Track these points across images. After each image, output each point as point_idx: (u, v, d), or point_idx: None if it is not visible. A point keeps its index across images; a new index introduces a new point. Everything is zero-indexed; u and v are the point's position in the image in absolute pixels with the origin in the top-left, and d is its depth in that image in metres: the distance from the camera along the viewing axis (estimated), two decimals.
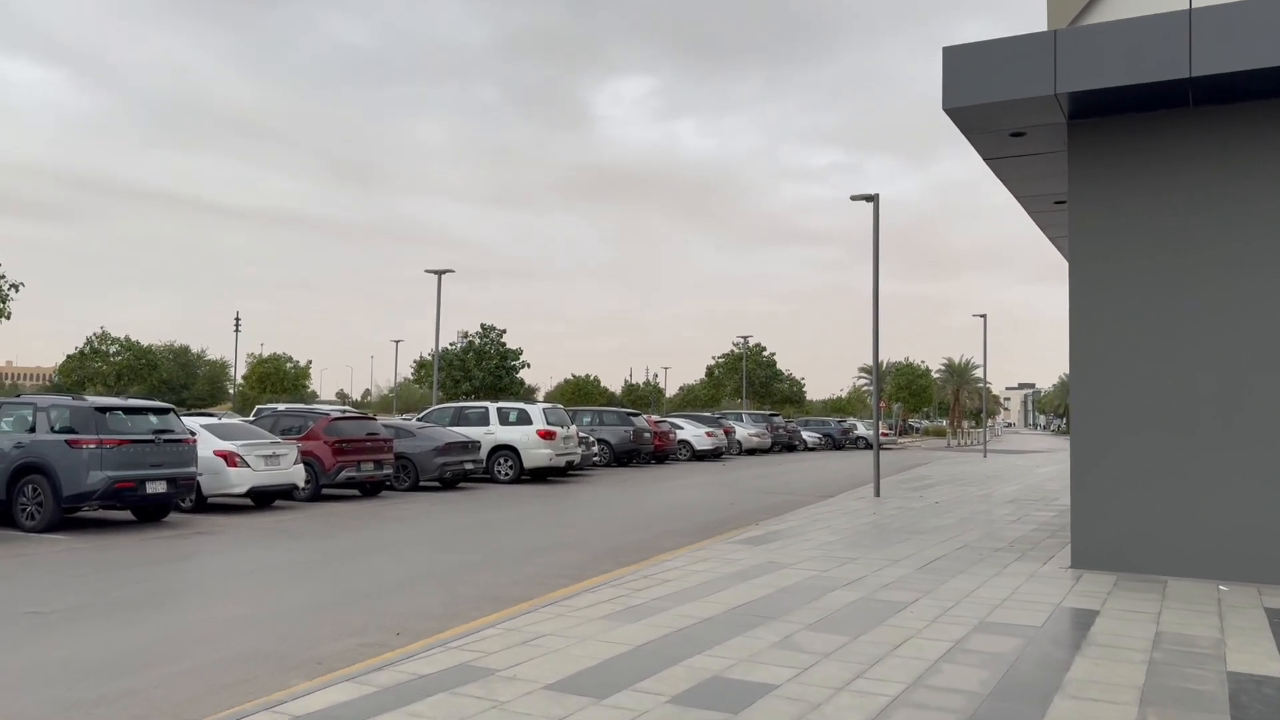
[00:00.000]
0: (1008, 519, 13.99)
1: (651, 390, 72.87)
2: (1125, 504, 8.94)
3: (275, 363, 56.82)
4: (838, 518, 13.80)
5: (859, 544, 10.96)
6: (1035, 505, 16.33)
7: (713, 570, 9.05)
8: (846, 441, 48.66)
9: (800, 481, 23.30)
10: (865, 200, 18.24)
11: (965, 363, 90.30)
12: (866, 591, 7.97)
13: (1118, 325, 9.12)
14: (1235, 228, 8.73)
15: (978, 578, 8.70)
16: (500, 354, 39.63)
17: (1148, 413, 8.92)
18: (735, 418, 40.17)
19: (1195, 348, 8.77)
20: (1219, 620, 6.89)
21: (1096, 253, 9.30)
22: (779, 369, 67.12)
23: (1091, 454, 9.16)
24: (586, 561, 10.34)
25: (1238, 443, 8.52)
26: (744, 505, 16.94)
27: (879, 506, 15.68)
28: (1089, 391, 9.22)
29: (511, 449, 21.45)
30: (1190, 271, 8.85)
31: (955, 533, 12.16)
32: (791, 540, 11.25)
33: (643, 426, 28.19)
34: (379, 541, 11.92)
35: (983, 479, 23.37)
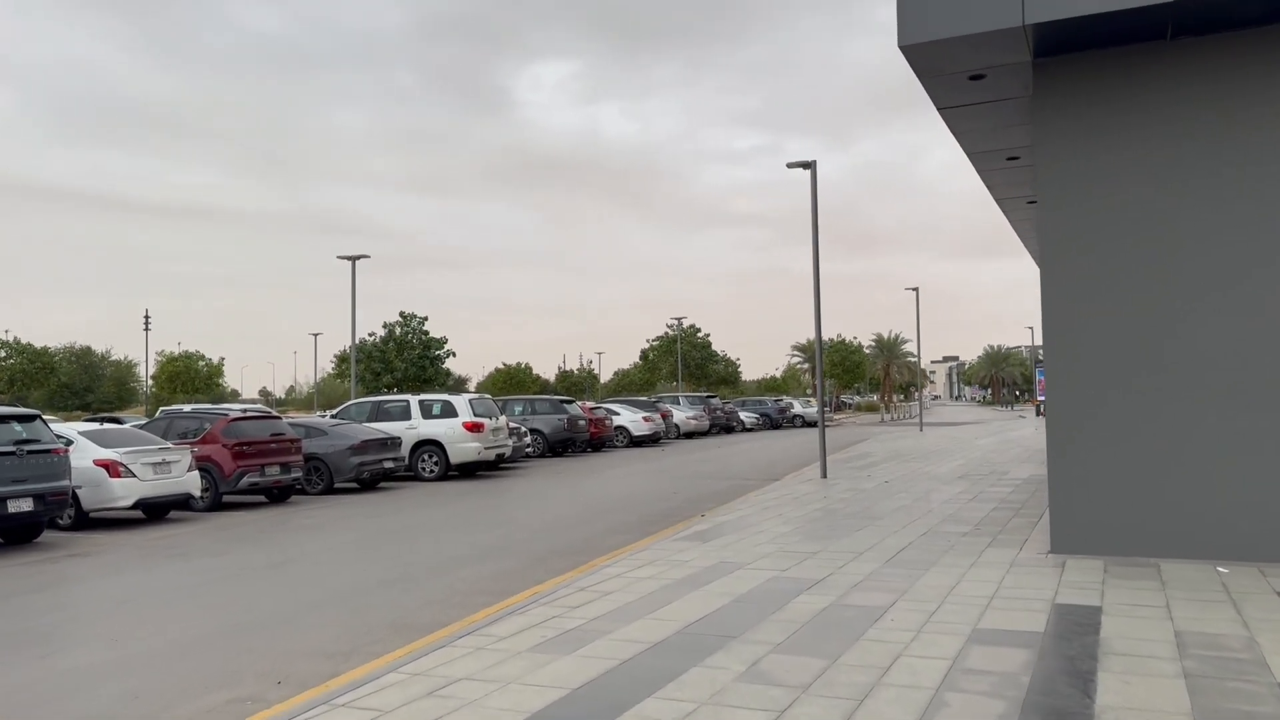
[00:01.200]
0: (965, 498, 13.23)
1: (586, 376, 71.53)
2: (1109, 483, 8.12)
3: (186, 361, 53.85)
4: (788, 504, 12.86)
5: (816, 535, 9.99)
6: (988, 481, 15.67)
7: (659, 575, 7.95)
8: (784, 420, 48.19)
9: (743, 464, 22.41)
10: (802, 168, 17.31)
11: (894, 337, 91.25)
12: (835, 595, 6.96)
13: (1095, 281, 8.27)
14: (1218, 167, 7.92)
15: (953, 570, 7.78)
16: (423, 343, 37.75)
17: (1132, 380, 8.10)
18: (672, 401, 39.23)
19: (1184, 305, 7.96)
20: (1236, 612, 6.05)
21: (1068, 204, 8.42)
22: (714, 350, 66.48)
23: (1069, 428, 8.31)
24: (516, 571, 9.14)
25: (1233, 411, 7.75)
26: (687, 493, 15.92)
27: (828, 489, 14.81)
28: (1064, 357, 8.37)
29: (436, 444, 20.05)
30: (1175, 219, 8.03)
31: (914, 516, 11.30)
32: (742, 533, 10.23)
33: (577, 414, 27.00)
34: (279, 556, 10.52)
35: (926, 454, 22.82)
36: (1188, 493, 7.84)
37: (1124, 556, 8.01)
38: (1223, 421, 7.76)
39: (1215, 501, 7.74)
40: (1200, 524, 7.78)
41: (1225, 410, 7.75)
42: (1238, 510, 7.67)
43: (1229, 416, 7.74)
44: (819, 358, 17.47)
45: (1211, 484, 7.76)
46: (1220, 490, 7.73)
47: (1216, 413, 7.78)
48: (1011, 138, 11.12)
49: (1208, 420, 7.81)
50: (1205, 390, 7.83)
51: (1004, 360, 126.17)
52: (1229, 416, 7.74)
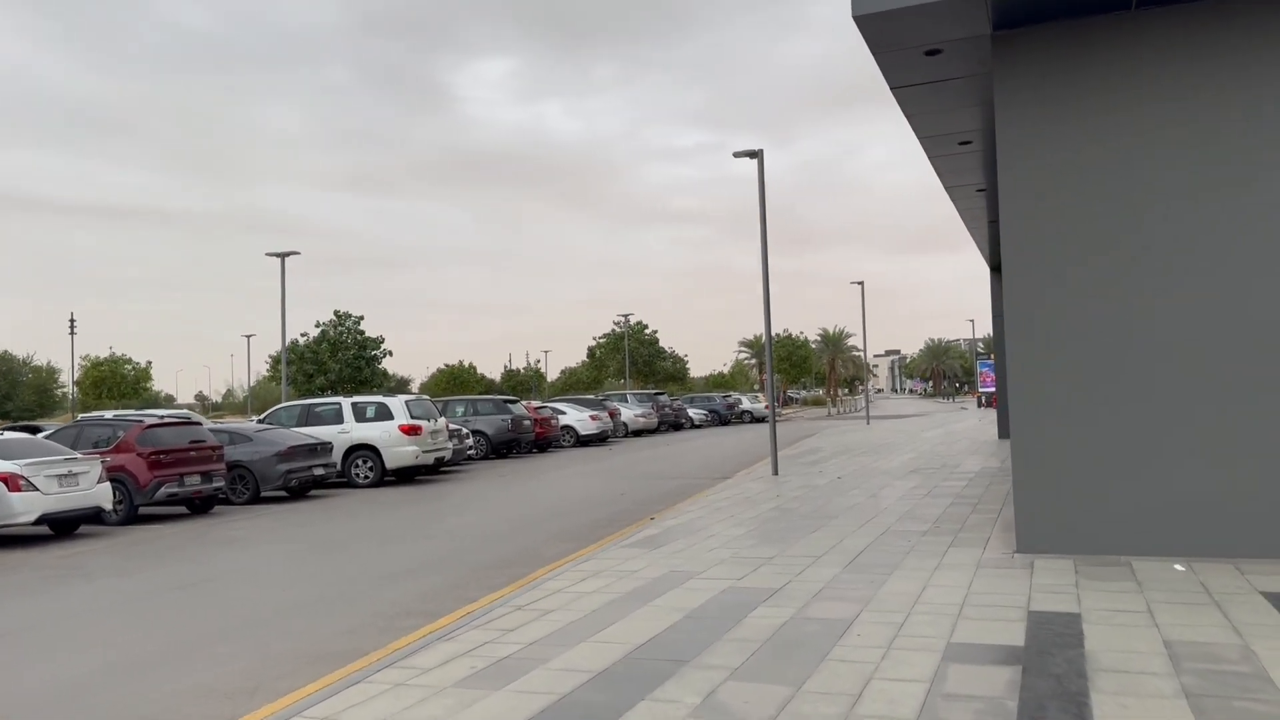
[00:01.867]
0: (919, 493, 12.84)
1: (533, 375, 70.53)
2: (1075, 479, 7.71)
3: (112, 366, 51.54)
4: (740, 505, 12.33)
5: (771, 537, 9.45)
6: (940, 475, 15.35)
7: (605, 589, 7.32)
8: (732, 416, 47.92)
9: (693, 462, 21.90)
10: (749, 156, 16.82)
11: (839, 332, 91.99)
12: (795, 607, 6.40)
13: (1058, 268, 7.86)
14: (1187, 145, 7.54)
15: (918, 574, 7.29)
16: (358, 343, 36.44)
17: (1098, 373, 7.70)
18: (620, 399, 38.63)
19: (1152, 294, 7.58)
20: (1223, 616, 5.63)
21: (1028, 186, 8.00)
22: (662, 347, 66.03)
23: (1033, 424, 7.88)
24: (448, 588, 8.43)
25: (1204, 403, 7.38)
26: (636, 495, 15.32)
27: (780, 487, 14.33)
28: (1027, 350, 7.94)
29: (370, 448, 19.13)
30: (1143, 201, 7.64)
31: (870, 514, 10.85)
32: (693, 538, 9.65)
33: (521, 414, 26.23)
34: (191, 576, 9.64)
35: (875, 448, 22.56)
36: (1158, 488, 7.46)
37: (1093, 555, 7.61)
38: (1194, 414, 7.39)
39: (1187, 497, 7.38)
40: (1172, 520, 7.41)
41: (1196, 402, 7.39)
42: (1211, 505, 7.31)
43: (1200, 408, 7.38)
44: (768, 352, 17.00)
45: (1183, 479, 7.40)
46: (1192, 485, 7.37)
47: (1187, 405, 7.41)
48: (964, 120, 10.73)
49: (1178, 413, 7.44)
50: (1175, 382, 7.46)
51: (944, 353, 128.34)
52: (1200, 408, 7.38)
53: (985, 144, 11.82)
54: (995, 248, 21.39)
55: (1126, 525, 7.54)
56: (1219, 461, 7.30)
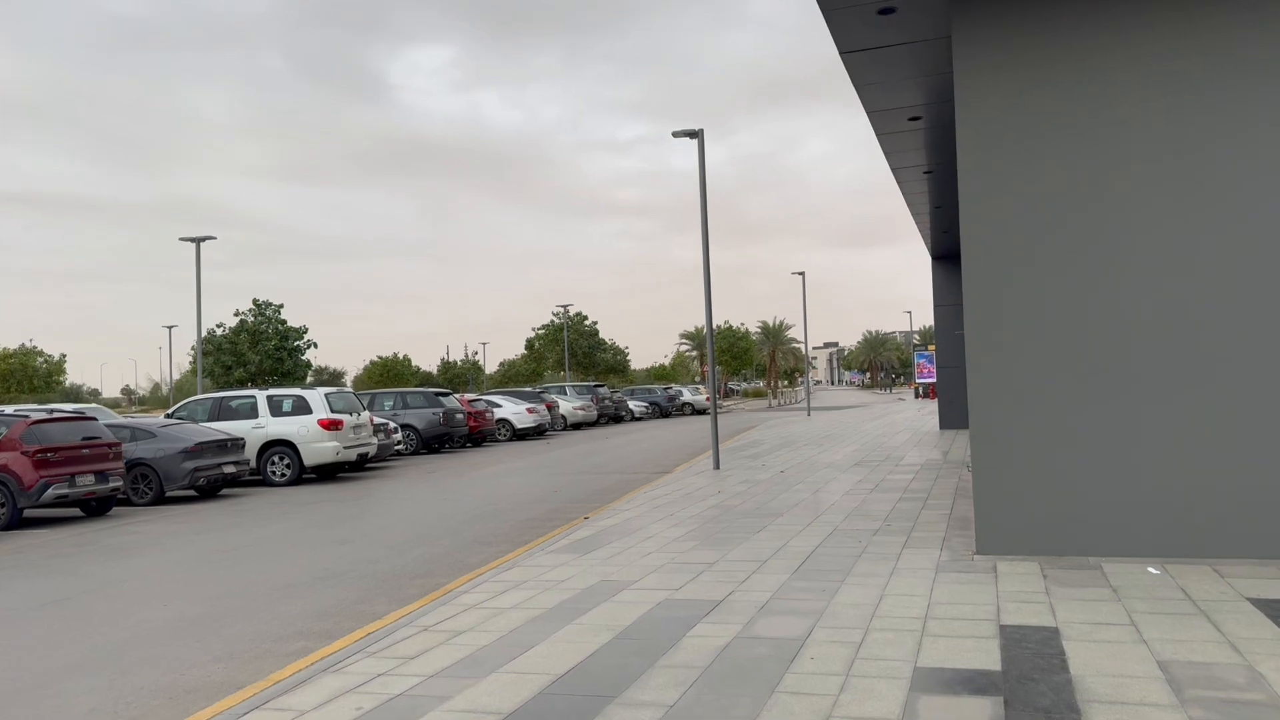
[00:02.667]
0: (866, 488, 12.27)
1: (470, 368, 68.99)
2: (1040, 476, 7.12)
3: (22, 359, 48.76)
4: (680, 502, 11.59)
5: (712, 539, 8.72)
6: (885, 467, 14.84)
7: (527, 604, 6.49)
8: (674, 409, 47.35)
9: (632, 456, 21.14)
10: (689, 136, 16.07)
11: (779, 324, 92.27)
12: (740, 623, 5.66)
13: (1022, 246, 7.24)
14: (1162, 113, 6.98)
15: (873, 581, 6.61)
16: (279, 333, 34.71)
17: (1065, 363, 7.11)
18: (559, 391, 37.72)
19: (1122, 278, 7.00)
20: (1216, 630, 5.04)
21: (991, 160, 7.37)
22: (602, 338, 65.13)
23: (995, 417, 7.27)
24: (352, 602, 7.51)
25: (1178, 395, 6.84)
26: (571, 492, 14.49)
27: (722, 482, 13.64)
28: (989, 339, 7.32)
29: (288, 444, 17.96)
30: (1114, 177, 7.05)
31: (816, 511, 10.20)
32: (629, 540, 8.87)
33: (454, 407, 25.16)
34: (62, 590, 8.53)
35: (818, 440, 22.09)
36: (1128, 485, 6.90)
37: (1059, 557, 7.03)
38: (1167, 406, 6.85)
39: (1159, 494, 6.83)
40: (1142, 519, 6.86)
41: (1169, 392, 6.84)
42: (1184, 503, 6.77)
43: (1174, 400, 6.83)
44: (710, 341, 16.30)
45: (1154, 475, 6.85)
46: (1164, 481, 6.82)
47: (1159, 395, 6.86)
48: (915, 93, 10.11)
49: (1150, 404, 6.89)
50: (1145, 371, 6.91)
51: (882, 345, 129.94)
52: (1174, 400, 6.83)
53: (935, 121, 11.25)
54: (939, 235, 21.04)
55: (1095, 524, 6.98)
56: (1192, 456, 6.76)
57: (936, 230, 20.18)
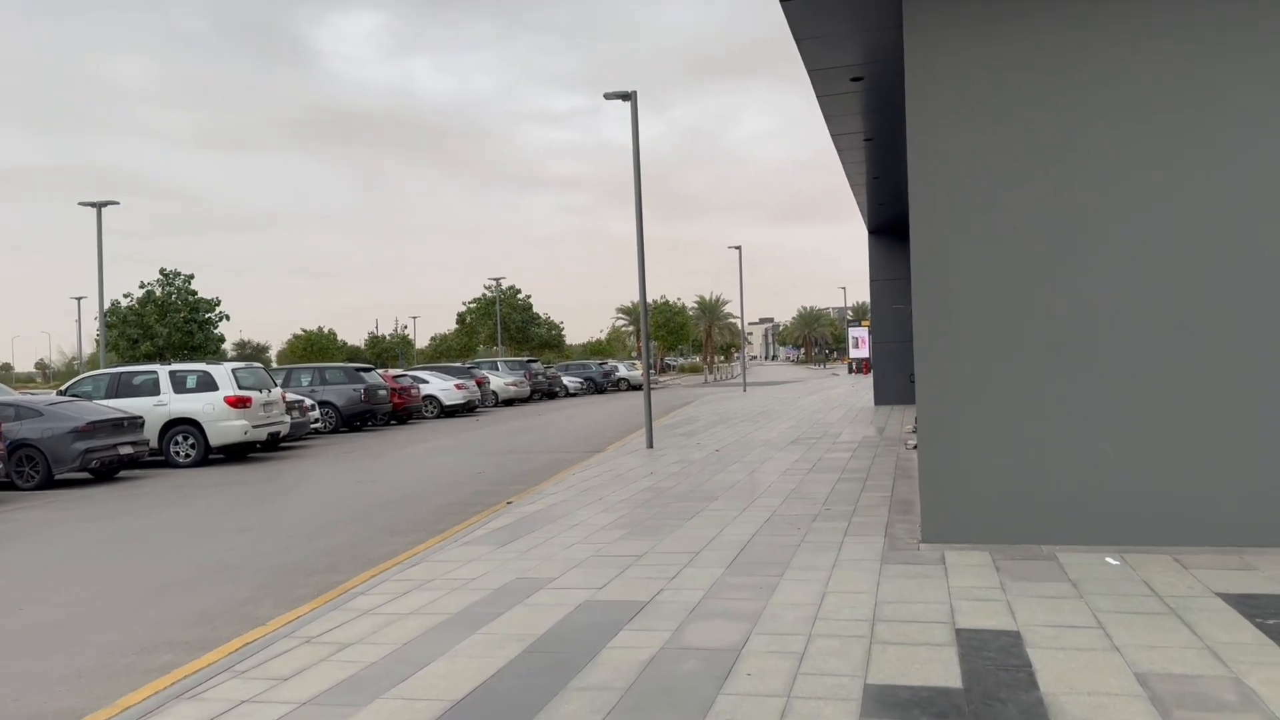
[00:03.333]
0: (803, 467, 11.78)
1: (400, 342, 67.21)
2: (990, 459, 6.63)
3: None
4: (610, 484, 10.94)
5: (642, 527, 8.09)
6: (822, 445, 14.41)
7: (429, 608, 5.77)
8: (609, 384, 46.71)
9: (564, 434, 20.42)
10: (621, 99, 15.28)
11: (716, 299, 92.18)
12: (668, 630, 5.02)
13: (976, 212, 6.70)
14: (1132, 69, 6.47)
15: (814, 576, 6.04)
16: (189, 305, 32.77)
17: (1019, 339, 6.61)
18: (490, 366, 36.71)
19: (1082, 250, 6.50)
20: (1192, 633, 4.57)
21: (943, 112, 6.78)
22: (536, 312, 63.98)
23: (943, 397, 6.75)
24: (236, 602, 6.68)
25: (1138, 373, 6.39)
26: (496, 473, 13.73)
27: (655, 462, 13.04)
28: (938, 312, 6.77)
29: (192, 423, 16.78)
30: (1076, 137, 6.53)
31: (753, 493, 9.65)
32: (552, 529, 8.18)
33: (376, 383, 24.07)
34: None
35: (753, 417, 21.67)
36: (1084, 469, 6.45)
37: (1011, 545, 6.56)
38: (1124, 387, 6.39)
39: (1115, 478, 6.40)
40: (1097, 504, 6.42)
41: (1127, 374, 6.39)
42: (1141, 487, 6.35)
43: (1133, 382, 6.38)
44: (644, 316, 15.62)
45: (1115, 455, 6.40)
46: (1121, 466, 6.39)
47: (1118, 377, 6.41)
48: (858, 50, 9.50)
49: (1107, 386, 6.43)
50: (1105, 352, 6.44)
51: (816, 321, 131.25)
52: (1133, 382, 6.38)
53: (877, 83, 10.67)
54: (875, 209, 20.66)
55: (1048, 511, 6.52)
56: (1151, 440, 6.33)
57: (874, 203, 19.78)
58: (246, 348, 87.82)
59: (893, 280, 23.53)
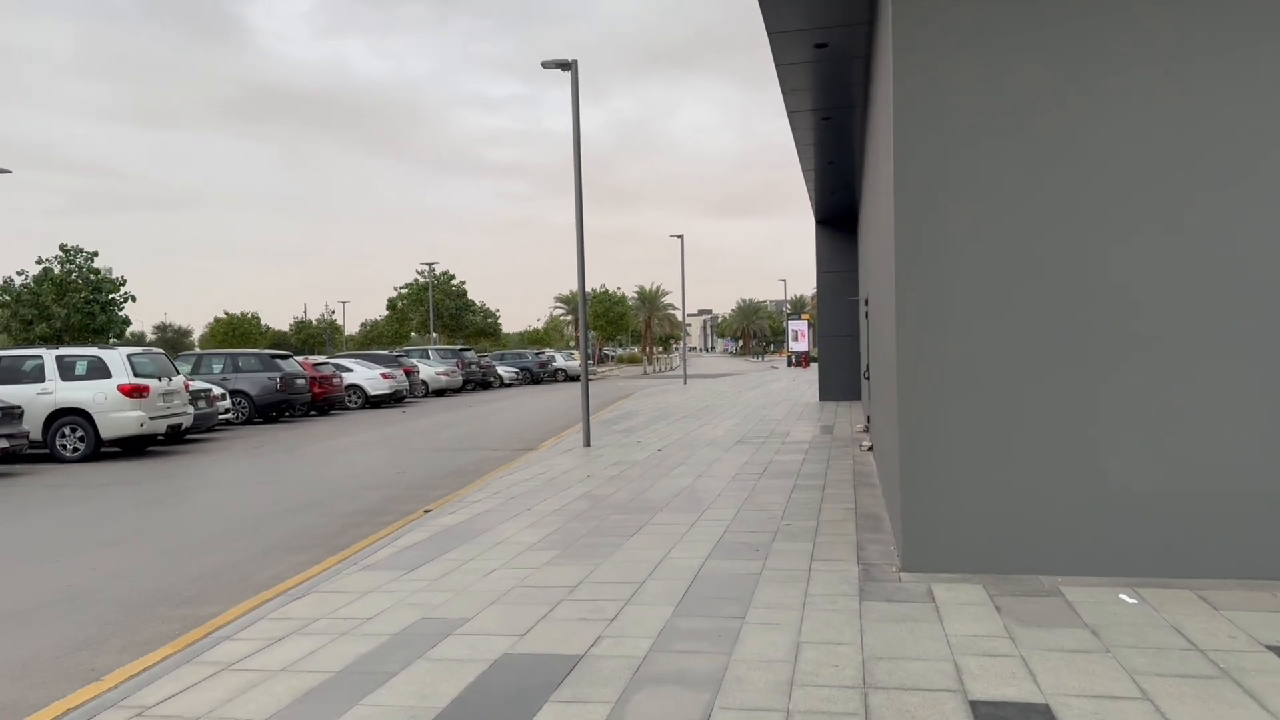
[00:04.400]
0: (754, 471, 10.82)
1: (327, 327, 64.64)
2: (983, 474, 5.70)
3: None
4: (542, 490, 9.82)
5: (576, 546, 7.00)
6: (771, 445, 13.50)
7: (304, 664, 4.59)
8: (545, 375, 45.46)
9: (495, 429, 19.19)
10: (561, 68, 14.10)
11: (656, 289, 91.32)
12: (607, 703, 3.94)
13: (971, 191, 5.74)
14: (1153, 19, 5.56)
15: (783, 618, 5.03)
16: (91, 285, 30.30)
17: (1022, 323, 5.68)
18: (421, 354, 35.13)
19: (1096, 220, 5.59)
20: (1265, 711, 3.66)
21: (937, 76, 5.81)
22: (471, 299, 62.14)
23: (931, 395, 5.79)
24: (71, 648, 5.39)
25: (1157, 373, 5.51)
26: (417, 473, 12.49)
27: (592, 463, 11.95)
28: (923, 307, 5.81)
29: (81, 413, 15.14)
30: (1085, 105, 5.61)
31: (702, 503, 8.64)
32: (472, 548, 7.04)
33: (294, 371, 22.48)
34: None
35: (696, 412, 20.72)
36: (1091, 486, 5.56)
37: (1005, 575, 5.65)
38: (1138, 393, 5.52)
39: (1129, 498, 5.52)
40: (1105, 527, 5.54)
41: (1142, 369, 5.51)
42: (1158, 508, 5.48)
43: (1147, 387, 5.51)
44: (582, 304, 14.49)
45: (1124, 475, 5.53)
46: (1135, 483, 5.51)
47: (1130, 373, 5.53)
48: (826, 9, 8.52)
49: (1117, 384, 5.54)
50: (1119, 350, 5.55)
51: (755, 314, 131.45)
52: (1147, 387, 5.51)
53: (843, 51, 9.72)
54: (826, 197, 19.83)
55: (1049, 535, 5.62)
56: (1171, 453, 5.47)
57: (824, 192, 18.94)
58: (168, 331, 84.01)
59: (841, 272, 22.79)
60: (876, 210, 9.35)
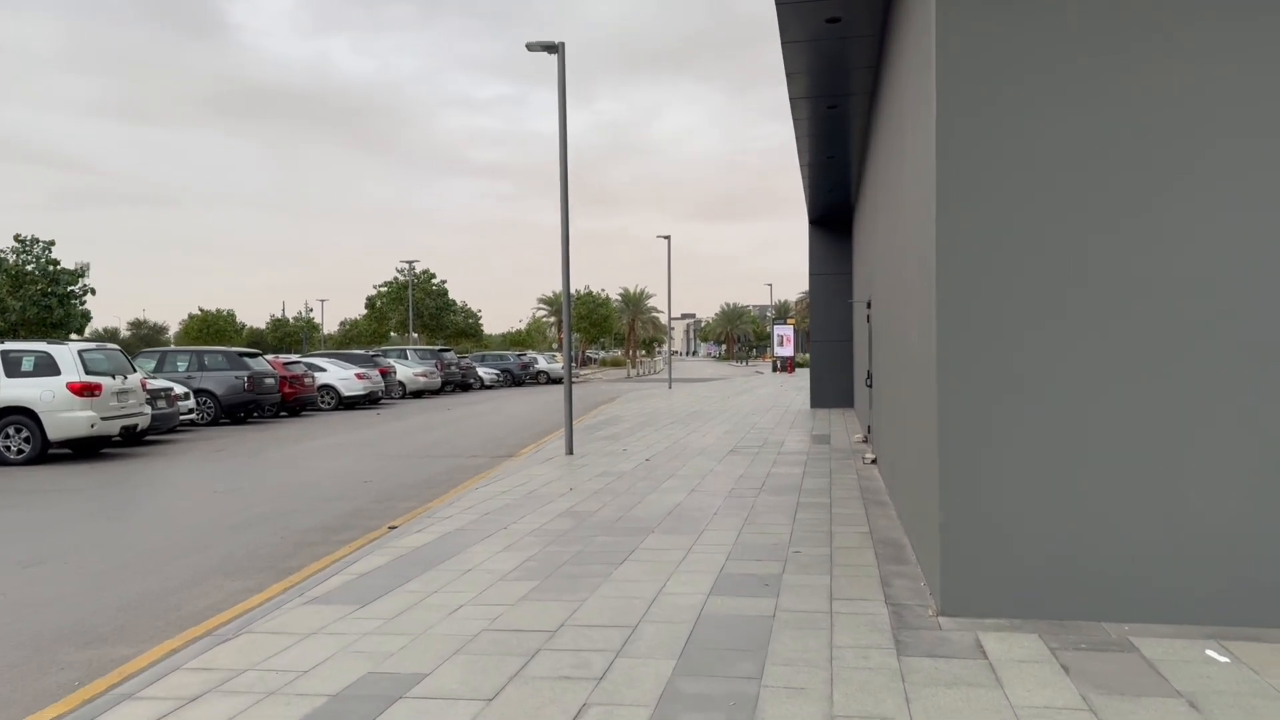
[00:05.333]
0: (751, 487, 9.96)
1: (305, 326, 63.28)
2: (1042, 499, 4.86)
3: None
4: (520, 505, 8.92)
5: (557, 576, 6.10)
6: (766, 455, 12.65)
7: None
8: (527, 377, 44.48)
9: (473, 433, 18.25)
10: (547, 51, 13.22)
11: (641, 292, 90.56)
12: None
13: (1026, 181, 4.90)
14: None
15: (807, 680, 4.16)
16: (49, 276, 28.90)
17: (1088, 331, 4.85)
18: (398, 355, 34.08)
19: (1177, 211, 4.77)
20: None
21: (989, 52, 4.97)
22: (452, 299, 60.98)
23: (980, 412, 4.94)
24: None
25: (1240, 376, 4.69)
26: (385, 483, 11.55)
27: (575, 474, 11.05)
28: (971, 305, 4.97)
29: (26, 412, 14.09)
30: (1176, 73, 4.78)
31: (698, 523, 7.77)
32: (436, 577, 6.13)
33: (263, 370, 21.45)
34: None
35: (683, 418, 19.86)
36: (1171, 517, 4.73)
37: (1061, 621, 4.81)
38: (1229, 402, 4.69)
39: (1214, 531, 4.69)
40: (1189, 569, 4.71)
41: (1248, 387, 4.69)
42: (1253, 547, 4.66)
43: (1239, 395, 4.68)
44: (566, 303, 13.59)
45: (1208, 503, 4.70)
46: (1222, 513, 4.69)
47: (1234, 392, 4.70)
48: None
49: (1219, 404, 4.71)
50: (1220, 358, 4.73)
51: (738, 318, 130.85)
52: (1239, 395, 4.68)
53: (856, 28, 8.89)
54: (822, 195, 19.04)
55: (1112, 572, 4.78)
56: (1261, 482, 4.64)
57: (821, 188, 18.14)
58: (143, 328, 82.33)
59: (835, 274, 22.01)
60: (891, 204, 8.53)
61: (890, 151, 8.64)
